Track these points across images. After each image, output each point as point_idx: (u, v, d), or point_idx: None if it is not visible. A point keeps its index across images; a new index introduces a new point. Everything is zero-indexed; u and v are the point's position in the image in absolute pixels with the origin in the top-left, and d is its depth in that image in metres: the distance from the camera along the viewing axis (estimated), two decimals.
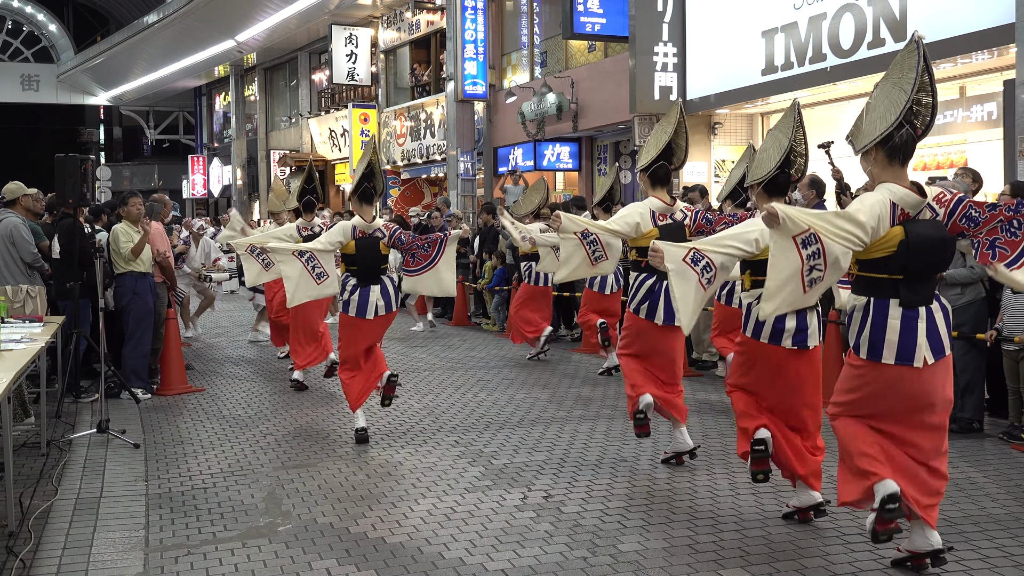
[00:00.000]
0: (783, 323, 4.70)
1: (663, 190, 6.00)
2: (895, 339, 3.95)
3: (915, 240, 3.91)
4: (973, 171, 8.08)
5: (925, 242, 3.93)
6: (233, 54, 30.64)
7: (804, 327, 4.73)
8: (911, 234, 3.91)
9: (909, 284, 3.96)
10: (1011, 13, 9.49)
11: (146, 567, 4.43)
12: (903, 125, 3.93)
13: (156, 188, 39.32)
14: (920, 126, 3.99)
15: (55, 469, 6.06)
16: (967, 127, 11.10)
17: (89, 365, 8.94)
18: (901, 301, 3.96)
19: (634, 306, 5.95)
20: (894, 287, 3.96)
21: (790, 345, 4.74)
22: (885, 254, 3.93)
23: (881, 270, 3.96)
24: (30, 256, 8.32)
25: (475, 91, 20.36)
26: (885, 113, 3.98)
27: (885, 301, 3.97)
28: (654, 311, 5.86)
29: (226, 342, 12.88)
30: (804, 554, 4.47)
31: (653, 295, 5.86)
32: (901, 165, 4.00)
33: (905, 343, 3.95)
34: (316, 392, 8.94)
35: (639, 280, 5.92)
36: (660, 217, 5.95)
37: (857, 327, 4.06)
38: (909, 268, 3.94)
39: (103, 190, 29.20)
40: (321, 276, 6.91)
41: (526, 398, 8.42)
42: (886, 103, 4.00)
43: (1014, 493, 5.44)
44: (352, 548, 4.62)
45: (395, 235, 6.89)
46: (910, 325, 3.95)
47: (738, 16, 13.39)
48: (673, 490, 5.52)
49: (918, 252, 3.92)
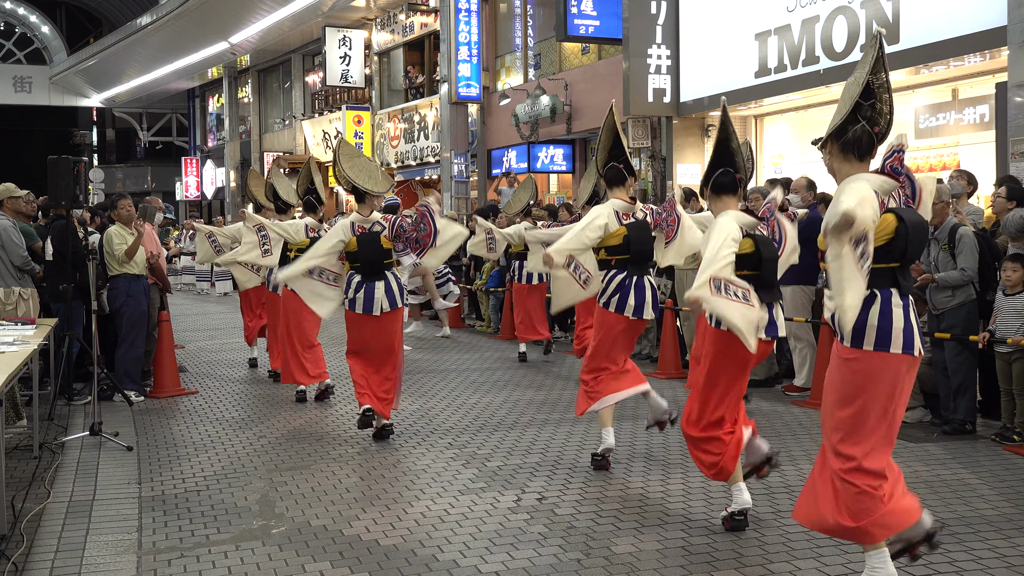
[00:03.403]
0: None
1: (621, 190, 6.13)
2: (900, 327, 3.83)
3: (910, 224, 3.84)
4: (968, 174, 8.10)
5: (917, 226, 3.88)
6: (226, 56, 30.60)
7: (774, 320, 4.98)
8: (905, 219, 3.84)
9: (903, 271, 3.91)
10: (1003, 16, 9.52)
11: (139, 570, 4.42)
12: (857, 120, 3.87)
13: (149, 190, 39.26)
14: (884, 123, 3.92)
15: (48, 472, 6.04)
16: (959, 129, 11.13)
17: (82, 367, 8.92)
18: (900, 289, 3.88)
19: (604, 300, 6.10)
20: (892, 275, 3.87)
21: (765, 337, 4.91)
22: (883, 242, 3.81)
23: (882, 259, 3.82)
24: (20, 259, 8.29)
25: (469, 93, 20.37)
26: (841, 107, 3.94)
27: (888, 291, 3.86)
28: (624, 304, 6.03)
29: (219, 345, 12.86)
30: (797, 556, 4.48)
31: (623, 290, 6.04)
32: (859, 160, 3.90)
33: (908, 332, 3.85)
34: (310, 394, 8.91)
35: (609, 276, 6.08)
36: (624, 216, 6.10)
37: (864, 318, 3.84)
38: (908, 253, 3.87)
39: (96, 192, 29.12)
40: (337, 279, 7.10)
41: (520, 400, 8.42)
42: (845, 99, 3.95)
43: (1007, 495, 5.45)
44: (346, 550, 4.61)
45: (396, 225, 6.85)
46: (907, 314, 3.86)
47: (731, 18, 13.42)
48: (667, 492, 5.53)
49: (913, 236, 3.85)
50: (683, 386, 8.97)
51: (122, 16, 38.98)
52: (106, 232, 8.65)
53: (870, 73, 3.87)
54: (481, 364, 10.61)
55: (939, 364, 7.03)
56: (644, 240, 6.03)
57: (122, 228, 8.57)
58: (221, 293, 21.59)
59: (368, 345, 6.89)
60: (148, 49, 32.24)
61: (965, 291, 6.89)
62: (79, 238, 8.23)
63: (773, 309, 4.97)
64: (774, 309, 4.98)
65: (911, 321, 3.86)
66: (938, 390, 7.14)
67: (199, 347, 12.60)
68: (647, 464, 6.16)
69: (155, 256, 8.96)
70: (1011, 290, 6.67)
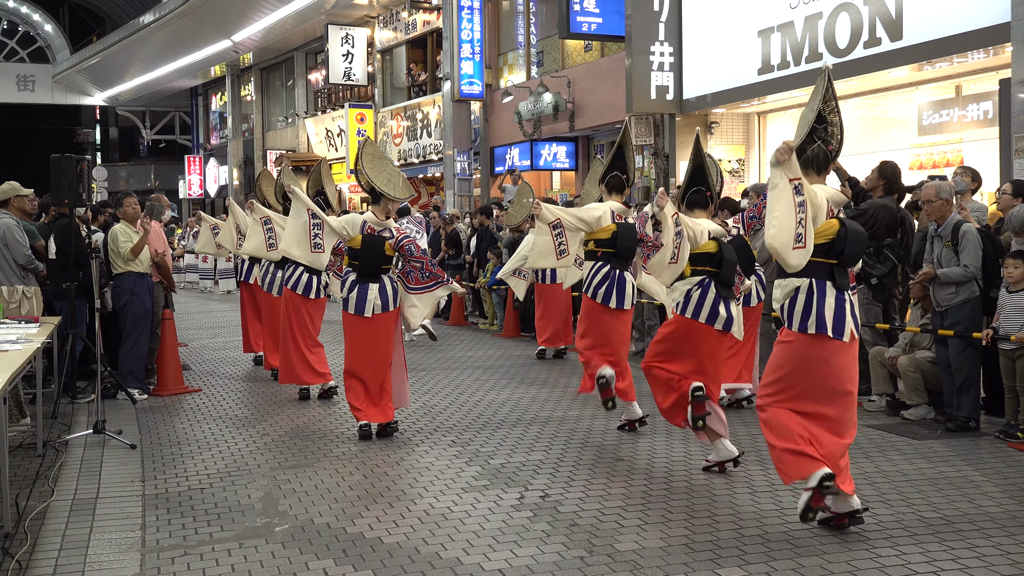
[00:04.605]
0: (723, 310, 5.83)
1: (619, 197, 7.01)
2: (831, 315, 4.64)
3: (851, 230, 4.70)
4: (972, 170, 8.09)
5: (856, 234, 4.73)
6: (229, 54, 30.62)
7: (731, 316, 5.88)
8: (847, 226, 4.70)
9: (840, 269, 4.70)
10: (1007, 12, 9.51)
11: (143, 568, 4.42)
12: (814, 140, 4.69)
13: (152, 188, 39.24)
14: (835, 143, 4.75)
15: (51, 470, 6.05)
16: (963, 126, 11.11)
17: (86, 366, 8.93)
18: (835, 284, 4.68)
19: (590, 291, 6.86)
20: (829, 270, 4.69)
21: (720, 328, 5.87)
22: (826, 240, 4.65)
23: (823, 255, 4.66)
24: (23, 258, 8.30)
25: (471, 91, 20.36)
26: (799, 131, 4.76)
27: (823, 282, 4.69)
28: (609, 296, 6.79)
29: (222, 343, 12.87)
30: (801, 553, 4.48)
31: (607, 281, 6.80)
32: (817, 174, 4.73)
33: (838, 319, 4.65)
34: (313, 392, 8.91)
35: (596, 268, 6.86)
36: (618, 217, 6.92)
37: (802, 305, 4.70)
38: (846, 254, 4.68)
39: (100, 191, 29.15)
40: (317, 247, 7.36)
41: (523, 397, 8.42)
42: (802, 123, 4.77)
43: (1011, 491, 5.44)
44: (349, 548, 4.62)
45: (402, 242, 6.85)
46: (841, 304, 4.67)
47: (734, 15, 13.40)
48: (670, 489, 5.53)
49: (851, 240, 4.69)
50: None
51: (125, 14, 38.99)
52: (111, 230, 8.64)
53: (822, 102, 4.69)
54: (484, 362, 10.61)
55: (943, 361, 7.02)
56: (630, 239, 6.71)
57: (127, 226, 8.57)
58: (224, 291, 21.61)
59: (362, 347, 6.84)
60: (151, 47, 32.25)
61: (968, 288, 6.88)
62: (82, 236, 8.25)
63: (729, 305, 5.87)
64: (730, 305, 5.88)
65: (843, 310, 4.66)
66: (942, 387, 7.13)
67: (202, 345, 12.62)
68: (650, 462, 6.16)
69: (160, 254, 8.97)
70: (1014, 287, 6.66)
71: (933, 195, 6.97)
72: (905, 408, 7.37)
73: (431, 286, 6.92)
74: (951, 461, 6.10)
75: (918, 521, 4.91)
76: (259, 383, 9.52)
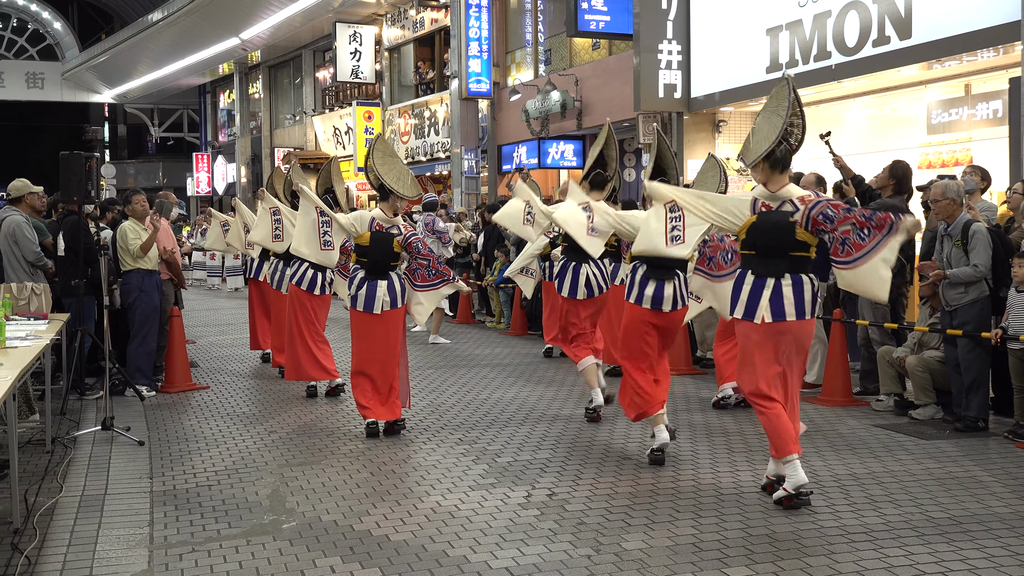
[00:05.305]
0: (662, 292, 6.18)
1: (600, 193, 7.09)
2: (745, 300, 5.17)
3: (760, 223, 5.15)
4: (982, 169, 8.05)
5: (765, 225, 5.14)
6: (237, 52, 30.66)
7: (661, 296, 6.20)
8: (759, 219, 5.16)
9: (759, 259, 5.16)
10: (1017, 10, 9.47)
11: (150, 564, 4.44)
12: (782, 143, 5.08)
13: (161, 186, 39.24)
14: (795, 143, 5.11)
15: (60, 466, 6.07)
16: (972, 125, 11.07)
17: (94, 362, 8.96)
18: (752, 271, 5.18)
19: (556, 280, 7.45)
20: (750, 260, 5.22)
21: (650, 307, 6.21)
22: (744, 235, 5.21)
23: (744, 247, 5.24)
24: (32, 255, 8.33)
25: (479, 89, 20.36)
26: (768, 135, 5.11)
27: (745, 271, 5.24)
28: (561, 286, 7.35)
29: (230, 340, 12.89)
30: (808, 552, 4.47)
31: (563, 273, 7.35)
32: (781, 173, 5.17)
33: (750, 304, 5.15)
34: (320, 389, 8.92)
35: (561, 261, 7.44)
36: None
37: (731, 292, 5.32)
38: (758, 244, 5.15)
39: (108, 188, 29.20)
40: (327, 244, 7.44)
41: (530, 395, 8.42)
42: (767, 127, 5.13)
43: (1019, 492, 5.43)
44: (356, 546, 4.62)
45: (410, 239, 6.87)
46: (756, 291, 5.13)
47: (742, 14, 13.37)
48: (677, 488, 5.52)
49: (760, 232, 5.13)
50: (692, 382, 8.97)
51: (134, 12, 39.08)
52: (120, 227, 8.65)
53: (789, 109, 5.05)
54: (491, 360, 10.61)
55: (951, 361, 7.00)
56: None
57: (136, 223, 8.59)
58: (232, 288, 21.65)
59: (370, 344, 6.86)
60: (159, 45, 32.33)
61: (978, 287, 6.85)
62: (91, 233, 8.26)
63: (666, 286, 6.17)
64: (666, 286, 6.18)
65: (759, 296, 5.11)
66: (950, 387, 7.11)
67: (210, 342, 12.64)
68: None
69: (169, 251, 8.98)
70: (1023, 287, 6.63)
71: (940, 194, 6.95)
72: (913, 408, 7.35)
73: (437, 284, 6.98)
74: (959, 461, 6.08)
75: (926, 521, 4.90)
76: (267, 380, 9.54)
